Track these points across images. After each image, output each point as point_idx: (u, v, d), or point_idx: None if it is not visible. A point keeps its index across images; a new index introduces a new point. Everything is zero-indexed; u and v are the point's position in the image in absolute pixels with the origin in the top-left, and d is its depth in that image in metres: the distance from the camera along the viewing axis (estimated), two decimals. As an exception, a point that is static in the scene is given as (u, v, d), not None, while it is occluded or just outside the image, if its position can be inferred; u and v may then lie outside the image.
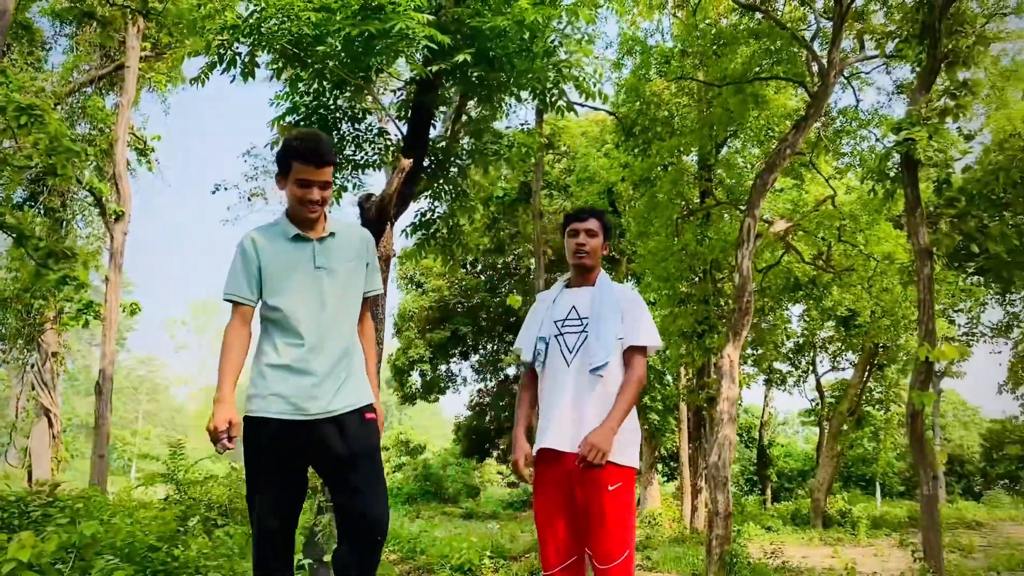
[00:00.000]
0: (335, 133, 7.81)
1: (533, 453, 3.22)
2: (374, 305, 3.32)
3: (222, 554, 6.51)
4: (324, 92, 7.46)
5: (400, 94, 8.81)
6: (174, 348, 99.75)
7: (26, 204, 14.68)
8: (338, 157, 7.93)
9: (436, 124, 8.55)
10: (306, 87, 7.40)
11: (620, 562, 3.04)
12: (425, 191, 8.67)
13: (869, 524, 19.77)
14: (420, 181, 7.92)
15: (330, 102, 7.61)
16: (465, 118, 8.67)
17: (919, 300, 9.12)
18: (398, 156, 7.55)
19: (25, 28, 14.09)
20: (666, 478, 29.58)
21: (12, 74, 11.87)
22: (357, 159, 8.23)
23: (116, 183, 14.03)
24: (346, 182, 8.44)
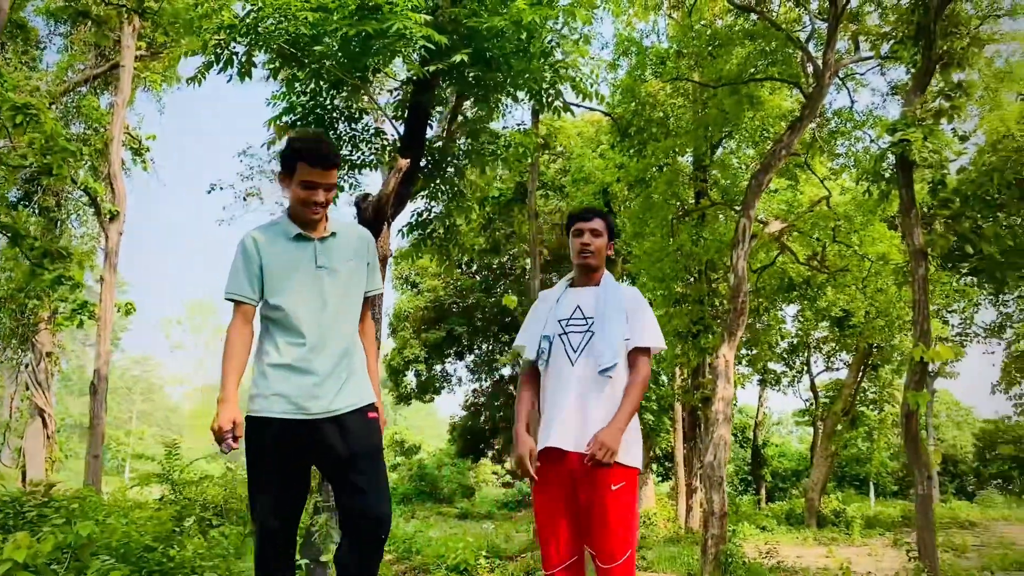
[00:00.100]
0: (332, 133, 7.80)
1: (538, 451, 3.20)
2: (372, 305, 3.33)
3: (218, 554, 6.50)
4: (321, 92, 7.45)
5: (397, 94, 8.82)
6: (169, 348, 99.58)
7: (20, 203, 14.65)
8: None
9: (432, 124, 8.56)
10: (303, 87, 7.39)
11: (623, 562, 3.04)
12: (421, 191, 8.67)
13: (863, 524, 19.81)
14: (417, 181, 7.92)
15: (327, 102, 7.60)
16: (461, 118, 8.67)
17: (914, 301, 9.16)
18: (395, 156, 7.55)
19: (20, 27, 14.05)
20: (661, 478, 29.60)
21: (7, 73, 11.84)
22: (353, 159, 8.22)
23: (111, 183, 14.01)
24: (342, 182, 8.43)
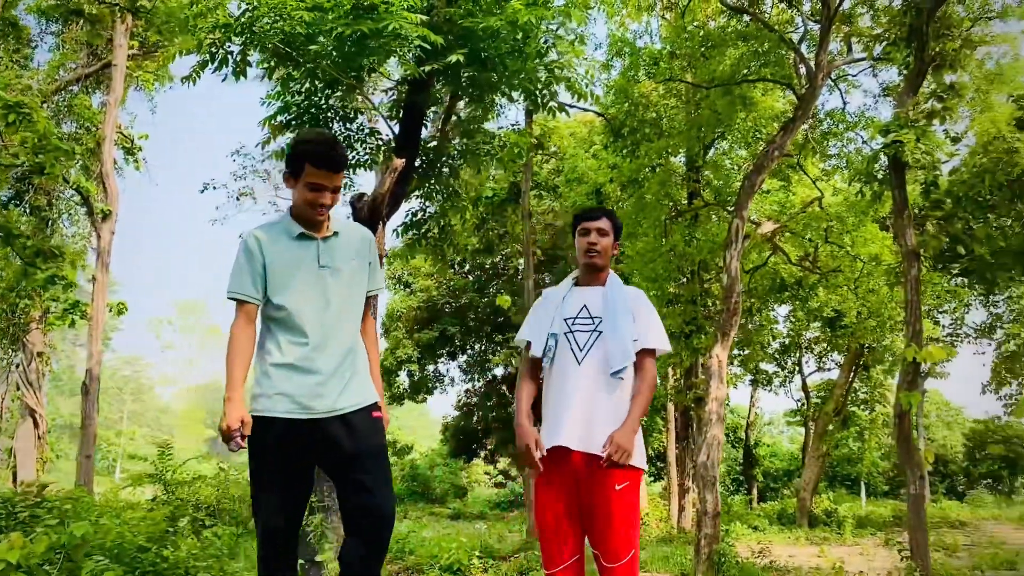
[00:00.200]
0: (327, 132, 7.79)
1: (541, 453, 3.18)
2: (371, 304, 3.33)
3: (211, 555, 6.49)
4: (316, 91, 7.45)
5: (391, 94, 8.81)
6: (160, 348, 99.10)
7: (11, 202, 14.57)
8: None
9: (427, 124, 8.56)
10: (298, 86, 7.39)
11: (626, 561, 3.06)
12: (416, 191, 8.67)
13: (854, 524, 19.90)
14: (411, 181, 7.92)
15: (321, 102, 7.59)
16: (455, 118, 8.68)
17: (906, 301, 9.20)
18: (389, 156, 7.55)
19: (12, 25, 13.98)
20: (653, 478, 29.67)
21: (-2, 72, 11.78)
22: (349, 159, 8.22)
23: (103, 182, 13.94)
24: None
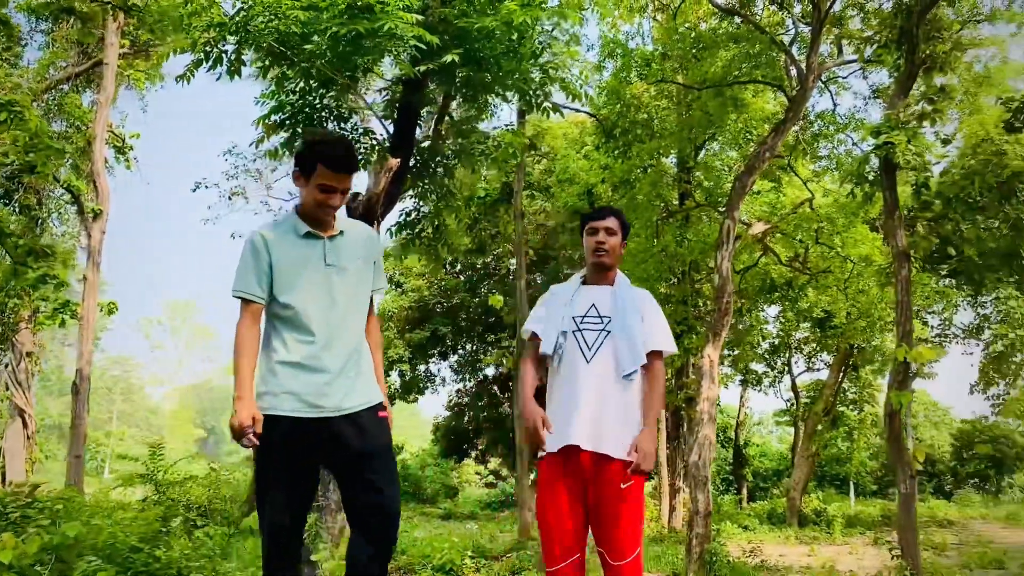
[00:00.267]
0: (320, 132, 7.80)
1: (549, 449, 3.20)
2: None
3: (203, 555, 6.48)
4: (310, 91, 7.44)
5: (385, 94, 8.80)
6: (149, 348, 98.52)
7: (1, 201, 14.48)
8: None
9: (420, 124, 8.55)
10: (293, 85, 7.38)
11: (632, 559, 3.08)
12: (409, 190, 8.67)
13: (844, 523, 20.00)
14: (405, 181, 7.92)
15: (316, 101, 7.59)
16: (448, 118, 8.68)
17: (897, 302, 9.26)
18: (384, 155, 7.55)
19: (3, 23, 13.89)
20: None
21: (-12, 70, 11.71)
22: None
23: (94, 181, 13.87)
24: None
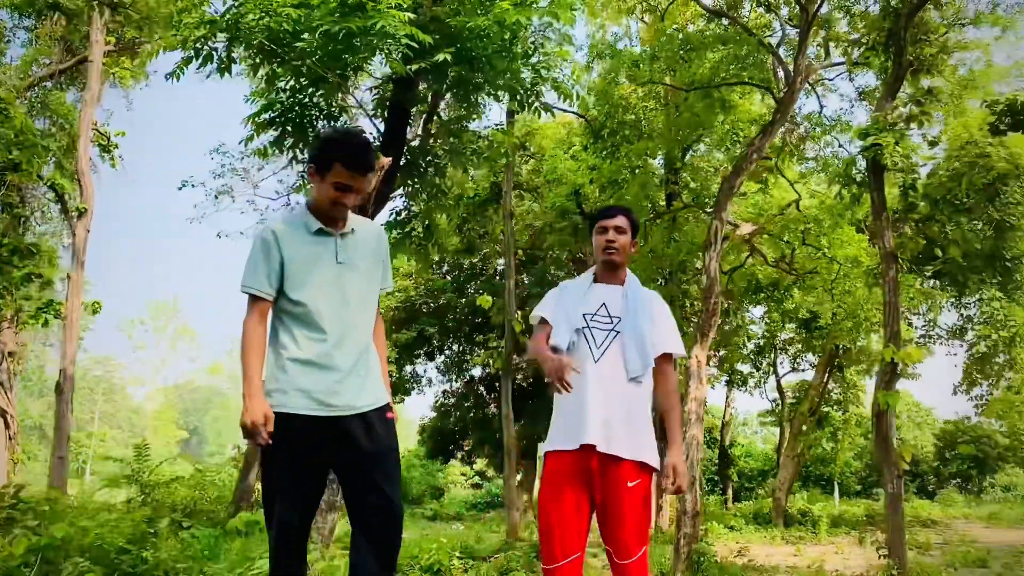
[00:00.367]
0: (310, 131, 7.75)
1: (557, 448, 3.19)
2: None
3: (190, 556, 6.43)
4: (300, 89, 7.40)
5: (375, 92, 8.77)
6: (132, 348, 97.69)
7: (-17, 200, 14.31)
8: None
9: (410, 123, 8.53)
10: (283, 84, 7.33)
11: (638, 557, 3.08)
12: (399, 189, 8.64)
13: (829, 523, 20.11)
14: (396, 180, 7.89)
15: (306, 99, 7.54)
16: (437, 117, 8.66)
17: (884, 302, 9.32)
18: (376, 154, 7.52)
19: (-13, 20, 13.75)
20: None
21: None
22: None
23: (79, 179, 13.74)
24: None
